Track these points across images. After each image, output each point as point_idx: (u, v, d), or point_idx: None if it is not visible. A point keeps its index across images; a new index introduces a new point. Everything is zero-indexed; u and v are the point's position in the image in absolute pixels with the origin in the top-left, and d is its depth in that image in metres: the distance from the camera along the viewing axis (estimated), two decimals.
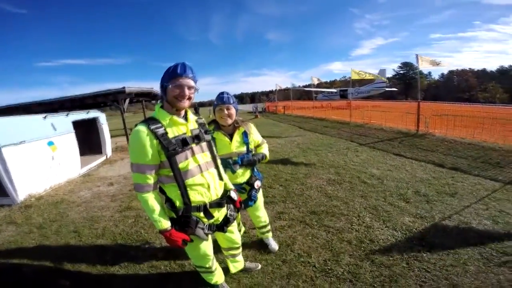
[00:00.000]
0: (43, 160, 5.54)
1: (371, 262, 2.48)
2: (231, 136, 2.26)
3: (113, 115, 24.80)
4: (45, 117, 6.05)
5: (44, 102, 10.83)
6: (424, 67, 9.19)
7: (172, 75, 1.54)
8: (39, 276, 2.64)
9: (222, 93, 2.21)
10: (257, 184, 2.38)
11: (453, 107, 8.54)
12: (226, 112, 2.16)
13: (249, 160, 2.28)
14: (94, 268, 2.72)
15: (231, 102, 2.18)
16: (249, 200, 2.36)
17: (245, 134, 2.30)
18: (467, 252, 2.50)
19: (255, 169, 2.45)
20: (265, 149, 2.48)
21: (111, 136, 9.77)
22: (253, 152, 2.40)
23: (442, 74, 67.02)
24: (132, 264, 2.71)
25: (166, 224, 1.60)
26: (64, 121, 6.63)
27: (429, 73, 68.49)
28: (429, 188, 4.08)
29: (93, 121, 8.63)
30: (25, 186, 4.99)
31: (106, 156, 8.84)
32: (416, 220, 3.17)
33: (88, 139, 8.63)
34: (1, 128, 4.71)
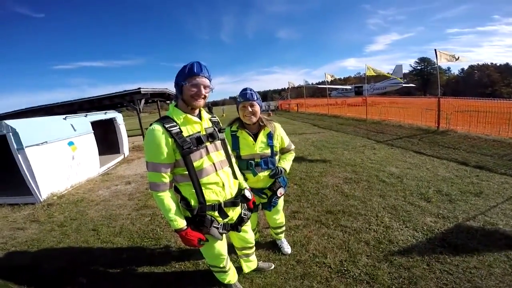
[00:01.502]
0: (64, 159, 5.73)
1: (390, 263, 2.39)
2: (255, 136, 2.14)
3: (130, 116, 25.46)
4: (65, 118, 6.27)
5: (65, 103, 11.27)
6: (443, 62, 8.83)
7: (189, 74, 1.53)
8: (59, 273, 2.71)
9: (245, 89, 2.09)
10: (280, 191, 2.23)
11: (476, 102, 8.18)
12: (250, 109, 2.04)
13: (275, 174, 2.16)
14: (111, 266, 2.77)
15: (255, 98, 2.05)
16: (269, 205, 2.28)
17: (270, 136, 2.16)
18: (492, 254, 2.37)
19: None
20: (288, 161, 2.32)
21: (128, 136, 10.00)
22: (278, 155, 2.29)
23: (462, 69, 64.34)
24: (148, 262, 2.74)
25: (182, 223, 1.59)
26: (83, 122, 6.84)
27: (448, 68, 66.08)
28: (452, 187, 3.91)
29: (111, 121, 8.87)
30: (48, 185, 5.18)
31: (124, 155, 9.07)
32: (438, 220, 3.03)
33: (106, 139, 8.88)
34: (25, 129, 4.90)
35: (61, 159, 5.63)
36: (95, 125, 7.29)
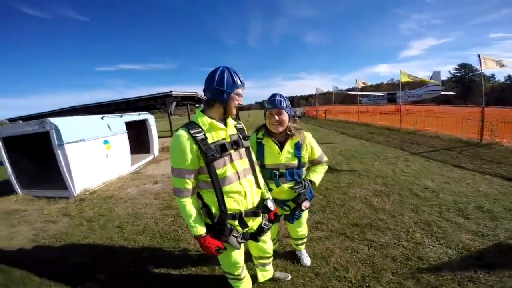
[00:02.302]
0: (99, 157, 6.06)
1: (417, 281, 2.21)
2: (282, 145, 2.02)
3: (161, 118, 26.50)
4: (102, 118, 6.66)
5: (103, 104, 12.02)
6: (487, 68, 8.13)
7: (238, 85, 1.57)
8: (81, 269, 2.80)
9: (274, 95, 1.97)
10: (305, 205, 2.05)
11: None
12: (277, 118, 1.92)
13: (298, 188, 2.01)
14: (131, 264, 2.83)
15: (284, 106, 1.93)
16: (291, 218, 2.17)
17: (297, 146, 2.01)
18: None
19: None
20: (318, 173, 2.14)
21: (159, 137, 10.38)
22: (306, 167, 2.15)
23: (509, 76, 58.62)
24: (166, 263, 2.77)
25: (201, 230, 1.60)
26: (118, 122, 7.21)
27: (493, 75, 60.54)
28: (495, 204, 3.54)
29: (143, 122, 9.28)
30: (82, 181, 5.51)
31: (154, 156, 9.42)
32: (476, 238, 2.76)
33: (138, 138, 9.29)
34: (66, 127, 5.26)
35: (96, 156, 5.96)
36: (129, 125, 7.65)
